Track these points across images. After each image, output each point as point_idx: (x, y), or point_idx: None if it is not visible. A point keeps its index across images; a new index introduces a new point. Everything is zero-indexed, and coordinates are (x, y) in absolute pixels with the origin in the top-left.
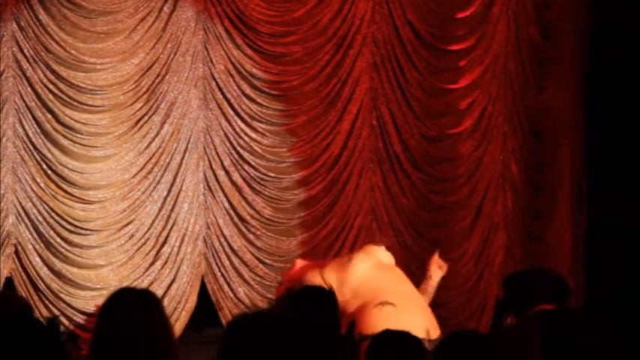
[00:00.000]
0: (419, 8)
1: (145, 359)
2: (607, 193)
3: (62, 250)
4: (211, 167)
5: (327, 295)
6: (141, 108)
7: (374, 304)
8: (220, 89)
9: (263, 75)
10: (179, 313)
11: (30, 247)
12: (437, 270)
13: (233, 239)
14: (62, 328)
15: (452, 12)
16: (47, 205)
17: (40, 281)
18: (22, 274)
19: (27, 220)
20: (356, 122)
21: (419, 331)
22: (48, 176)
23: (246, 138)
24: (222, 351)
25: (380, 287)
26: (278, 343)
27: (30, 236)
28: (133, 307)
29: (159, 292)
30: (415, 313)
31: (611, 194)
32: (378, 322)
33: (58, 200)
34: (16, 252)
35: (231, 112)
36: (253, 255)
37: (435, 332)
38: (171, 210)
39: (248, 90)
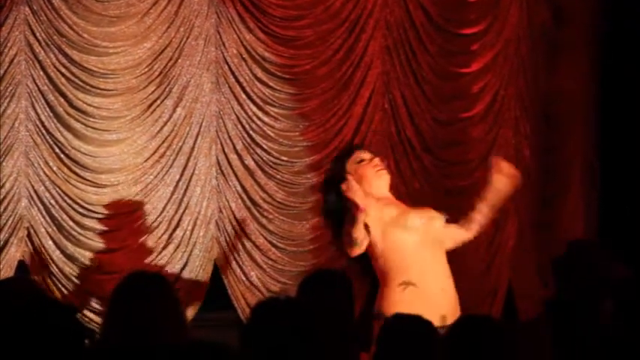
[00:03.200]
0: None
1: (156, 342)
2: (620, 178)
3: (75, 233)
4: (224, 151)
5: (341, 280)
6: (153, 92)
7: (397, 282)
8: (233, 73)
9: (275, 59)
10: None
11: (42, 230)
12: (498, 177)
13: (245, 223)
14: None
15: None
16: (60, 189)
17: (53, 264)
18: (35, 257)
19: (39, 204)
20: (368, 106)
21: (434, 317)
22: (60, 160)
23: (258, 122)
24: (246, 335)
25: (409, 263)
26: (301, 329)
27: (42, 219)
28: (144, 290)
29: (171, 276)
30: (436, 298)
31: (623, 179)
32: (397, 302)
33: (71, 184)
34: (29, 235)
35: (244, 96)
36: (266, 239)
37: (452, 319)
38: (184, 194)
39: (260, 74)
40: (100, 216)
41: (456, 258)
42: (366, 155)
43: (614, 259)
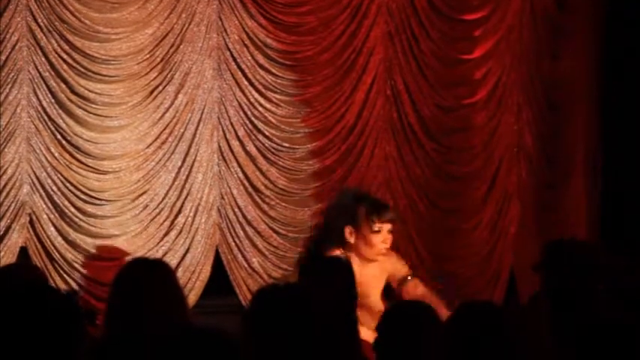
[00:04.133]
0: None
1: (158, 329)
2: (622, 164)
3: (76, 219)
4: (225, 137)
5: (342, 267)
6: (155, 78)
7: None
8: (234, 59)
9: (277, 45)
10: (193, 283)
11: (44, 216)
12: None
13: (247, 209)
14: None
15: None
16: (61, 175)
17: (55, 251)
18: (37, 243)
19: (41, 190)
20: (370, 92)
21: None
22: (62, 146)
23: (260, 108)
24: (247, 322)
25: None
26: (302, 316)
27: (44, 206)
28: (146, 277)
29: (173, 262)
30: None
31: (626, 165)
32: None
33: (73, 170)
34: (31, 222)
35: (246, 83)
36: (267, 225)
37: None
38: (186, 180)
39: (262, 60)
40: (101, 202)
41: (460, 243)
42: (385, 228)
43: (606, 259)
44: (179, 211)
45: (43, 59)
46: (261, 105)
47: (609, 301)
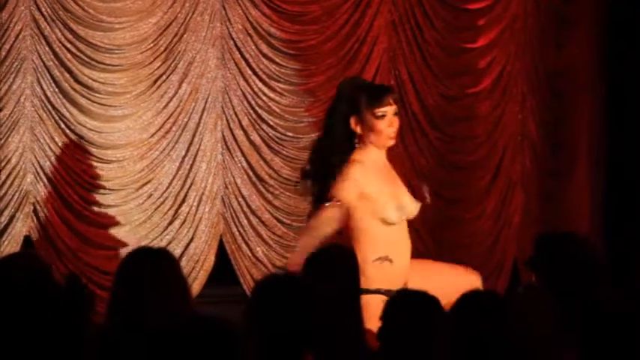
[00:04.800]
0: None
1: (161, 318)
2: (626, 153)
3: (80, 208)
4: (229, 127)
5: (346, 257)
6: (159, 67)
7: (373, 257)
8: (238, 48)
9: (281, 34)
10: (197, 273)
11: (48, 205)
12: None
13: (251, 199)
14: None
15: None
16: (65, 164)
17: (59, 240)
18: (41, 232)
19: (45, 179)
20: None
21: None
22: (66, 135)
23: (264, 97)
24: (249, 311)
25: (383, 240)
26: (303, 306)
27: (48, 195)
28: (149, 266)
29: (177, 252)
30: (403, 271)
31: (630, 153)
32: (375, 277)
33: (76, 159)
34: (35, 211)
35: (249, 72)
36: (271, 214)
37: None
38: (190, 169)
39: (266, 49)
40: (105, 192)
41: (464, 233)
42: (390, 112)
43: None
44: (183, 201)
45: (47, 48)
46: (264, 94)
47: (610, 297)
